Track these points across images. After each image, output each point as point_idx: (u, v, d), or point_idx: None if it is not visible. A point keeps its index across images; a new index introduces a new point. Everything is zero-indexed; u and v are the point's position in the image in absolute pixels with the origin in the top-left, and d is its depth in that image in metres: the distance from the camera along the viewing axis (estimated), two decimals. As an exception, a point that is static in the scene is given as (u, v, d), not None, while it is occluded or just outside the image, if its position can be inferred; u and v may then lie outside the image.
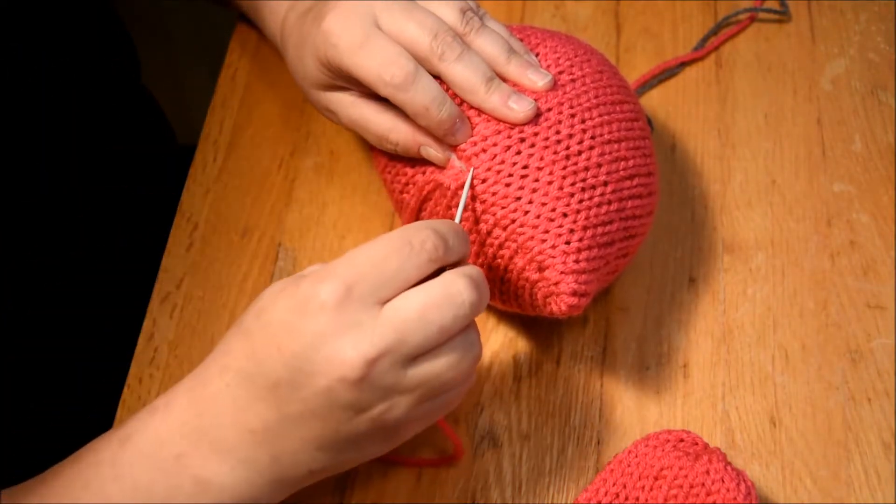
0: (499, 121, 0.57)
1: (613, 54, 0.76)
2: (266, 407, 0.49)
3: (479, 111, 0.58)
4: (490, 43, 0.59)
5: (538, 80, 0.58)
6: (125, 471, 0.50)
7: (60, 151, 0.72)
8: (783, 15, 0.77)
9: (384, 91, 0.57)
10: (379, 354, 0.47)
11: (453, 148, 0.58)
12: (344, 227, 0.69)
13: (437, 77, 0.58)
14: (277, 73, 0.75)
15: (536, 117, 0.57)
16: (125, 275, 0.75)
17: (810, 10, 0.78)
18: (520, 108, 0.57)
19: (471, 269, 0.51)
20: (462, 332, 0.50)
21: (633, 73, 0.75)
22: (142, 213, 0.79)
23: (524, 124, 0.57)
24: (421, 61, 0.57)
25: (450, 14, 0.59)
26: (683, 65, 0.76)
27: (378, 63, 0.57)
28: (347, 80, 0.60)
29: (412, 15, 0.58)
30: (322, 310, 0.47)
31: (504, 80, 0.58)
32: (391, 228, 0.68)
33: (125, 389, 0.63)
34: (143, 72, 0.88)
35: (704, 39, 0.76)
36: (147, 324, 0.65)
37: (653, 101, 0.74)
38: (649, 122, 0.70)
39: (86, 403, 0.72)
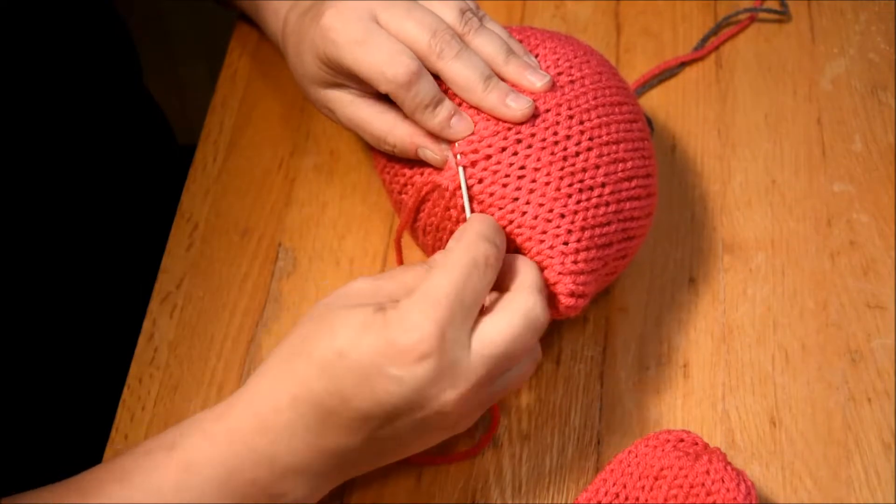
0: (497, 122, 0.57)
1: (613, 54, 0.76)
2: (348, 433, 0.50)
3: (478, 111, 0.58)
4: (488, 43, 0.59)
5: (536, 80, 0.58)
6: (193, 496, 0.50)
7: (60, 152, 0.72)
8: (783, 15, 0.77)
9: (385, 88, 0.57)
10: (475, 387, 0.50)
11: (451, 147, 0.58)
12: (344, 227, 0.69)
13: (434, 75, 0.58)
14: (277, 73, 0.75)
15: (534, 118, 0.57)
16: (125, 275, 0.75)
17: (810, 10, 0.78)
18: (517, 107, 0.57)
19: (537, 280, 0.53)
20: (536, 350, 0.55)
21: (633, 73, 0.75)
22: (142, 213, 0.79)
23: (521, 123, 0.57)
24: (419, 59, 0.57)
25: (449, 14, 0.59)
26: (683, 65, 0.76)
27: (380, 60, 0.57)
28: (347, 78, 0.59)
29: (411, 13, 0.58)
30: (422, 359, 0.48)
31: (503, 80, 0.58)
32: (391, 228, 0.68)
33: (125, 389, 0.63)
34: (143, 72, 0.88)
35: (704, 39, 0.76)
36: (147, 324, 0.65)
37: (653, 101, 0.74)
38: (649, 122, 0.70)
39: (86, 403, 0.72)
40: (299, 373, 0.50)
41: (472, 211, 0.57)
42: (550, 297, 0.56)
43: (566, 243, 0.56)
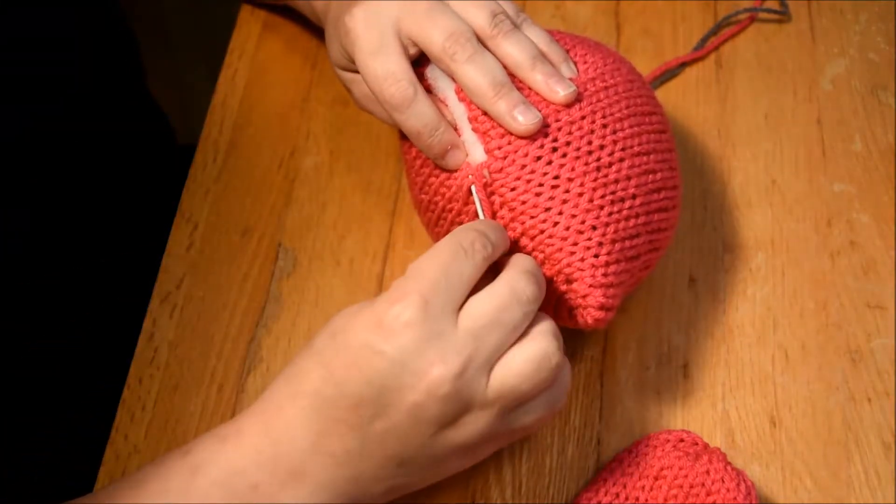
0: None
1: (613, 54, 0.76)
2: (347, 428, 0.48)
3: None
4: (516, 47, 0.57)
5: (560, 90, 0.56)
6: (197, 498, 0.48)
7: (60, 151, 0.72)
8: (783, 15, 0.78)
9: (383, 104, 0.58)
10: (465, 364, 0.48)
11: (487, 152, 0.57)
12: (344, 227, 0.69)
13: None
14: (277, 73, 0.75)
15: (570, 125, 0.56)
16: (125, 275, 0.76)
17: (810, 10, 0.78)
18: (524, 121, 0.55)
19: (526, 262, 0.52)
20: (536, 337, 0.50)
21: (633, 73, 0.75)
22: (142, 213, 0.79)
23: (525, 137, 0.56)
24: (435, 61, 0.57)
25: (479, 15, 0.58)
26: (683, 65, 0.76)
27: (381, 76, 0.57)
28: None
29: (432, 15, 0.57)
30: (405, 327, 0.47)
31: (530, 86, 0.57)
32: (391, 229, 0.68)
33: (125, 389, 0.63)
34: (145, 74, 0.88)
35: (704, 39, 0.76)
36: (147, 324, 0.65)
37: (653, 101, 0.74)
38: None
39: (86, 403, 0.72)
40: (301, 366, 0.50)
41: (501, 217, 0.57)
42: (579, 308, 0.56)
43: (597, 256, 0.55)
